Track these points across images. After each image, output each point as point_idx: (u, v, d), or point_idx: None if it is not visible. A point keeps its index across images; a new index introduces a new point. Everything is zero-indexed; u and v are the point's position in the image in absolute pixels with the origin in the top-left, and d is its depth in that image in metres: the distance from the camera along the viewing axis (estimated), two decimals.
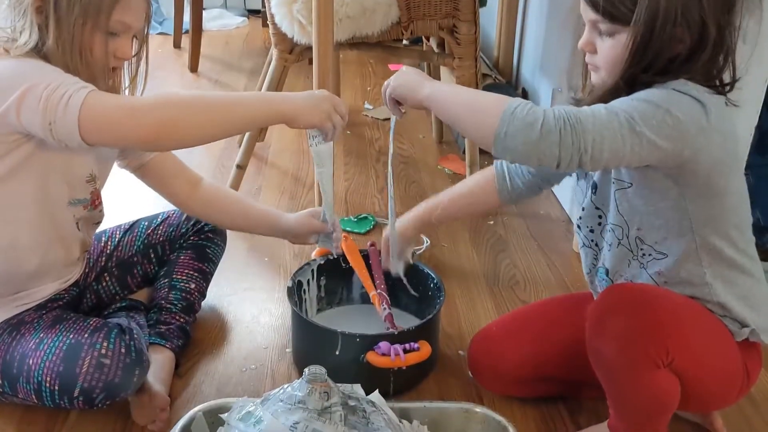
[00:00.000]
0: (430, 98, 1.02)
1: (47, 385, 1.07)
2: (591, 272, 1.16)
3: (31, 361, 1.07)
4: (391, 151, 1.28)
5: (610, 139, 0.89)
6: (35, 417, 1.19)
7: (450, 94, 1.02)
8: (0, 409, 1.20)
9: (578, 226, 1.15)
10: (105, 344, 1.08)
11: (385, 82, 1.11)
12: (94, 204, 1.21)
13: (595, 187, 1.10)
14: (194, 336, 1.40)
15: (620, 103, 0.93)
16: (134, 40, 1.12)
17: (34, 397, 1.09)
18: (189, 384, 1.29)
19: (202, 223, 1.41)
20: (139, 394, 1.16)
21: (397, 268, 1.40)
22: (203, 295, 1.40)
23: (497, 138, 0.91)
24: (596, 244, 1.13)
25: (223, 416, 1.01)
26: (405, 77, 1.07)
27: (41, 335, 1.10)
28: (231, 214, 1.35)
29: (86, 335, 1.09)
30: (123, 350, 1.09)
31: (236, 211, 1.36)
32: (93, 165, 1.17)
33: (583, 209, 1.13)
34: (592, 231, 1.13)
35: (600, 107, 0.93)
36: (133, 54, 1.13)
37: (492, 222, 1.92)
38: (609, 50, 0.98)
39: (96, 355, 1.07)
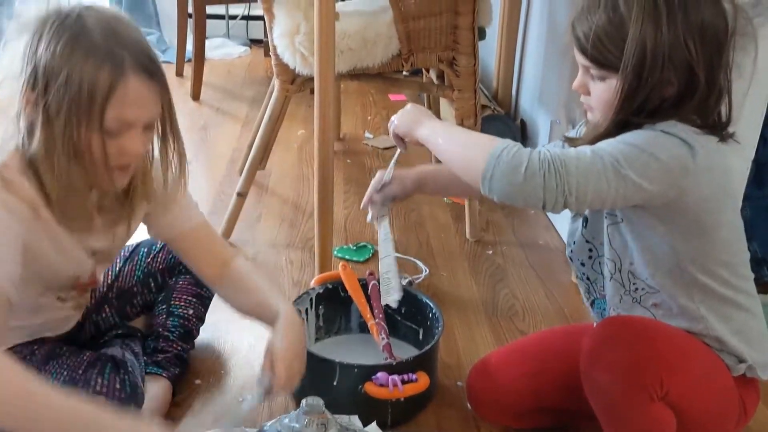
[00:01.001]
0: (427, 138, 1.07)
1: None
2: (588, 302, 1.16)
3: None
4: (392, 164, 1.28)
5: (594, 182, 0.91)
6: None
7: (444, 135, 1.06)
8: None
9: (570, 259, 1.16)
10: (99, 380, 1.09)
11: (392, 118, 1.16)
12: (86, 287, 1.18)
13: (585, 220, 1.11)
14: (192, 364, 1.40)
15: (606, 145, 0.95)
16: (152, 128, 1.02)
17: None
18: (185, 413, 1.29)
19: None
20: None
21: (377, 215, 1.32)
22: (202, 321, 1.39)
23: (484, 179, 0.93)
24: (588, 277, 1.14)
25: None
26: (407, 116, 1.13)
27: (35, 371, 1.08)
28: (247, 305, 1.21)
29: (80, 371, 1.09)
30: (118, 386, 1.09)
31: (252, 302, 1.20)
32: (76, 268, 1.12)
33: (574, 242, 1.14)
34: (583, 264, 1.14)
35: (585, 150, 0.94)
36: (153, 146, 1.04)
37: (491, 251, 1.92)
38: (601, 93, 0.99)
39: (90, 393, 1.07)
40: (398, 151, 1.22)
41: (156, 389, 1.24)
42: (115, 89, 0.93)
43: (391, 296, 1.29)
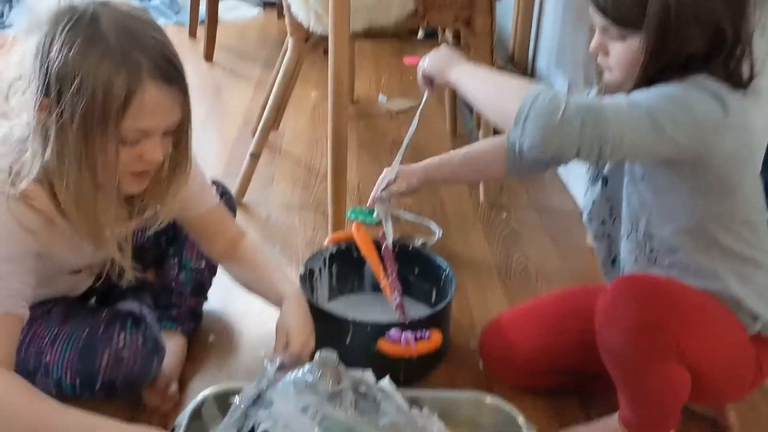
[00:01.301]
0: (457, 79, 1.04)
1: (68, 381, 1.08)
2: (605, 263, 1.15)
3: (48, 358, 1.07)
4: (415, 122, 1.28)
5: (630, 133, 0.89)
6: None
7: (476, 76, 1.03)
8: None
9: (589, 219, 1.15)
10: (122, 336, 1.09)
11: (422, 59, 1.13)
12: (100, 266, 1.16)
13: (605, 179, 1.10)
14: (206, 321, 1.41)
15: (641, 97, 0.93)
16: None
17: (54, 390, 1.08)
18: (200, 368, 1.30)
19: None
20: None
21: (380, 208, 1.34)
22: (215, 272, 1.38)
23: (517, 121, 0.90)
24: (609, 236, 1.12)
25: (234, 399, 1.02)
26: (438, 57, 1.10)
27: (55, 331, 1.09)
28: (251, 281, 1.22)
29: (101, 329, 1.10)
30: (140, 342, 1.10)
31: (256, 281, 1.21)
32: (91, 259, 1.12)
33: (593, 202, 1.13)
34: (603, 223, 1.12)
35: (621, 100, 0.93)
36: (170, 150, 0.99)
37: (505, 215, 1.91)
38: (621, 53, 0.97)
39: (114, 349, 1.08)
40: (426, 95, 1.19)
41: (172, 344, 1.25)
42: (131, 98, 0.88)
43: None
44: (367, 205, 1.37)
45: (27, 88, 0.91)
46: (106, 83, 0.87)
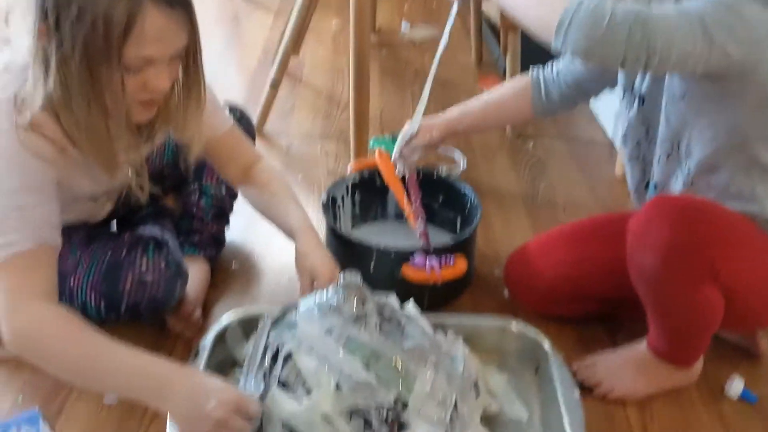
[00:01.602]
0: None
1: (93, 303, 1.07)
2: (638, 187, 1.11)
3: (72, 282, 1.07)
4: (444, 41, 1.22)
5: (680, 42, 0.84)
6: None
7: None
8: None
9: (624, 140, 1.10)
10: (145, 260, 1.08)
11: None
12: (119, 191, 1.15)
13: (642, 99, 1.05)
14: (229, 247, 1.40)
15: (692, 5, 0.87)
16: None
17: (79, 312, 1.08)
18: (223, 294, 1.30)
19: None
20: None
21: (404, 166, 1.32)
22: (235, 197, 1.36)
23: (559, 29, 0.86)
24: (644, 158, 1.08)
25: (259, 323, 1.01)
26: None
27: (78, 254, 1.09)
28: (265, 207, 1.17)
29: (123, 253, 1.09)
30: (163, 265, 1.09)
31: (269, 207, 1.16)
32: (108, 185, 1.09)
33: (629, 122, 1.08)
34: (638, 144, 1.08)
35: (671, 8, 0.87)
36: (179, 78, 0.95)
37: (531, 145, 1.86)
38: None
39: (137, 273, 1.07)
40: (455, 6, 1.14)
41: (194, 270, 1.24)
42: (132, 25, 0.83)
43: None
44: (392, 161, 1.33)
45: (26, 13, 0.87)
46: (106, 10, 0.82)
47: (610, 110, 1.85)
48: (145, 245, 1.10)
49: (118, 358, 0.86)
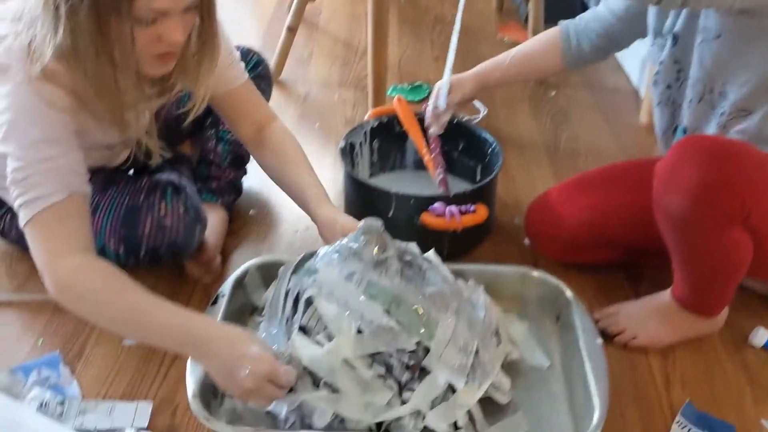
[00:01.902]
0: None
1: (112, 248, 1.07)
2: (667, 132, 1.08)
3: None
4: (447, 71, 1.22)
5: None
6: None
7: None
8: None
9: (655, 82, 1.06)
10: (163, 205, 1.07)
11: None
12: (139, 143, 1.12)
13: (675, 38, 1.00)
14: (247, 194, 1.39)
15: None
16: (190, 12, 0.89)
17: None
18: (242, 241, 1.29)
19: (247, 70, 1.33)
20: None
21: (436, 123, 1.30)
22: None
23: None
24: (674, 102, 1.04)
25: (279, 269, 1.00)
26: None
27: (96, 199, 1.08)
28: (277, 176, 1.14)
29: (142, 197, 1.08)
30: (182, 210, 1.08)
31: (281, 175, 1.13)
32: (122, 137, 1.07)
33: (660, 63, 1.04)
34: (669, 87, 1.04)
35: None
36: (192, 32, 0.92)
37: (554, 93, 1.82)
38: None
39: (156, 217, 1.06)
40: (453, 44, 1.14)
41: (212, 217, 1.23)
42: None
43: None
44: (426, 126, 1.31)
45: None
46: None
47: (635, 58, 1.80)
48: (163, 190, 1.09)
49: (160, 314, 0.86)
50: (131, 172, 1.26)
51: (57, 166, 0.89)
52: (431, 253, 1.04)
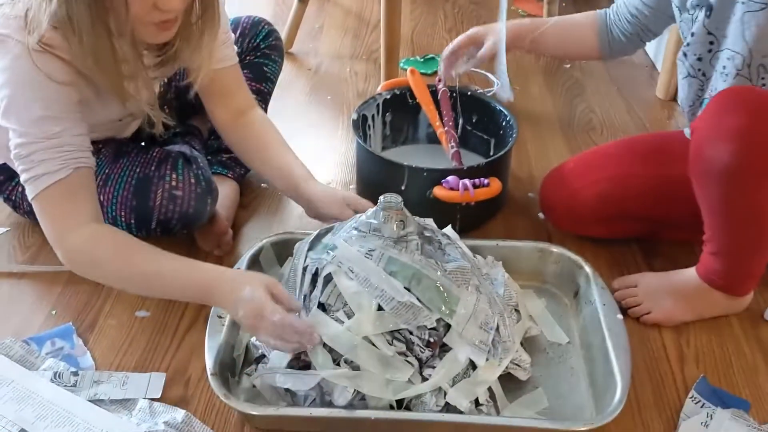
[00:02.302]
0: None
1: (123, 219, 1.06)
2: (694, 104, 1.05)
3: (101, 197, 1.05)
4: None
5: None
6: None
7: None
8: None
9: (684, 54, 1.03)
10: (174, 176, 1.06)
11: None
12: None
13: (710, 9, 0.97)
14: None
15: None
16: None
17: None
18: (253, 215, 1.28)
19: (258, 40, 1.31)
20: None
21: (459, 67, 1.29)
22: None
23: None
24: (704, 74, 1.02)
25: (296, 245, 0.99)
26: None
27: (106, 171, 1.07)
28: (259, 159, 1.13)
29: (153, 167, 1.07)
30: (193, 180, 1.07)
31: (264, 158, 1.13)
32: (125, 112, 1.07)
33: (692, 34, 1.01)
34: (700, 59, 1.01)
35: None
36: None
37: (569, 65, 1.79)
38: None
39: (167, 188, 1.05)
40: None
41: (223, 190, 1.21)
42: None
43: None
44: (441, 58, 1.28)
45: None
46: None
47: None
48: (174, 161, 1.08)
49: (170, 268, 0.90)
50: (143, 144, 1.25)
51: (61, 142, 0.89)
52: (449, 229, 1.03)
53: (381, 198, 0.92)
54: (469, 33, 1.28)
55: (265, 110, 1.34)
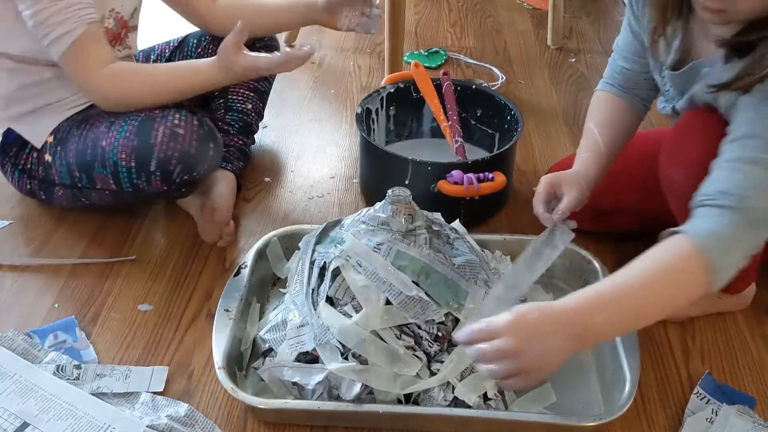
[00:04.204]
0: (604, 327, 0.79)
1: (123, 164, 1.05)
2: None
3: (104, 143, 1.06)
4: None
5: None
6: (107, 231, 1.21)
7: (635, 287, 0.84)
8: (72, 225, 1.22)
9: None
10: (177, 116, 1.06)
11: None
12: (118, 37, 1.18)
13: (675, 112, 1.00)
14: (260, 163, 1.37)
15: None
16: None
17: (111, 182, 1.08)
18: (257, 208, 1.28)
19: (253, 39, 1.32)
20: (202, 212, 1.16)
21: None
22: (260, 116, 1.34)
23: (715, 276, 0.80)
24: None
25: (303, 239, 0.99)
26: None
27: (112, 119, 1.08)
28: (257, 17, 1.25)
29: (157, 111, 1.08)
30: (195, 123, 1.07)
31: (262, 12, 1.26)
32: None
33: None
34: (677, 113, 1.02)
35: (753, 168, 0.79)
36: None
37: (574, 59, 1.78)
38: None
39: (169, 125, 1.04)
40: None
41: (222, 183, 1.20)
42: None
43: None
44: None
45: None
46: None
47: None
48: (179, 107, 1.10)
49: (168, 76, 1.11)
50: None
51: (69, 3, 1.02)
52: (457, 224, 1.03)
53: (389, 192, 0.92)
54: (545, 185, 1.06)
55: (263, 109, 1.35)
